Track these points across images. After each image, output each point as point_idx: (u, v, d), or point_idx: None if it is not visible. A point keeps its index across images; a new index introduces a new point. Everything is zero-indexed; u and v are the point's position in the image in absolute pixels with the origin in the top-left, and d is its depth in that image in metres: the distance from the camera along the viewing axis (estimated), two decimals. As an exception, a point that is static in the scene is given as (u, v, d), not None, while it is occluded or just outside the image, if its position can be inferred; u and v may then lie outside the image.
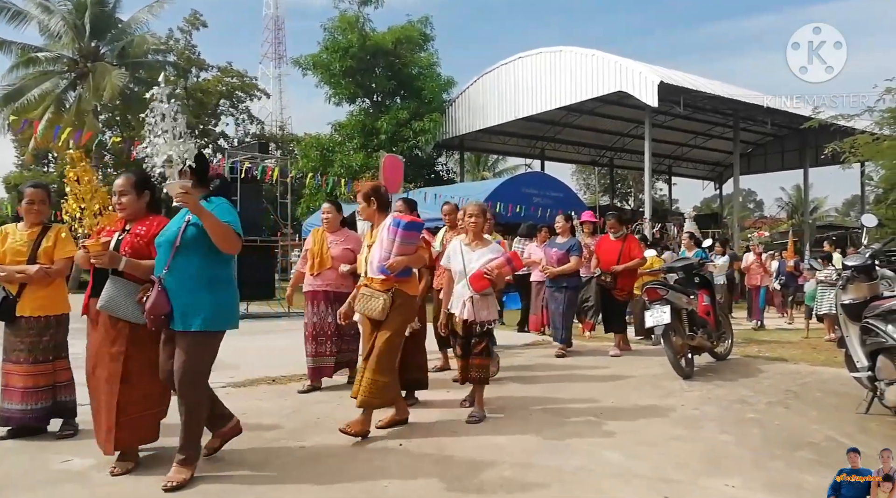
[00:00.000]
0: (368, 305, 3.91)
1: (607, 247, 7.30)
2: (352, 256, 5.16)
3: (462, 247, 4.41)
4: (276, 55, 59.98)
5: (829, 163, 20.86)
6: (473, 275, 4.17)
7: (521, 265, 4.25)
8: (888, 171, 14.72)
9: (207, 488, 3.03)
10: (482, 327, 4.26)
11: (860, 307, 4.35)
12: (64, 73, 24.14)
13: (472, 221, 4.43)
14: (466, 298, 4.22)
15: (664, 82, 16.93)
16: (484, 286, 4.16)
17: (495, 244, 4.53)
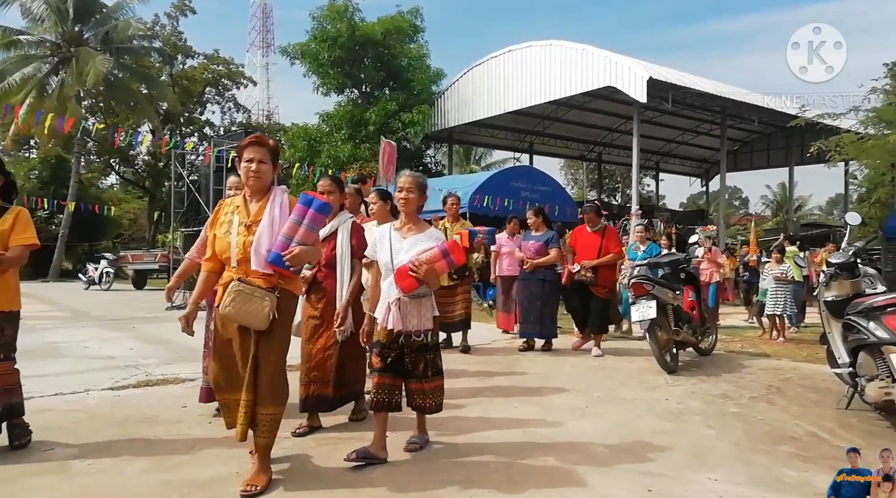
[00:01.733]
0: (246, 308, 2.81)
1: (585, 241, 6.97)
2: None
3: (392, 233, 3.44)
4: (264, 43, 59.50)
5: (814, 161, 21.07)
6: (399, 270, 3.25)
7: (461, 259, 3.28)
8: (872, 171, 14.91)
9: (193, 479, 3.00)
10: (411, 338, 3.31)
11: (843, 304, 4.40)
12: (46, 58, 23.76)
13: (402, 198, 3.46)
14: (392, 301, 3.29)
15: (653, 78, 16.97)
16: (411, 286, 3.22)
17: (434, 231, 3.52)
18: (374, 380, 3.37)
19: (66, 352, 6.56)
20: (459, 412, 4.30)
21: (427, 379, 3.38)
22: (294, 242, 2.86)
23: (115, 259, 19.18)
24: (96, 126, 19.23)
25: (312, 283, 3.94)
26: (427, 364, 3.37)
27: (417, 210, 3.50)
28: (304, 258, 2.91)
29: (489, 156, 37.31)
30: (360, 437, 3.59)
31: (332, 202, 3.94)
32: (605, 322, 7.08)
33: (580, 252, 6.90)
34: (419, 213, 3.53)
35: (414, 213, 3.49)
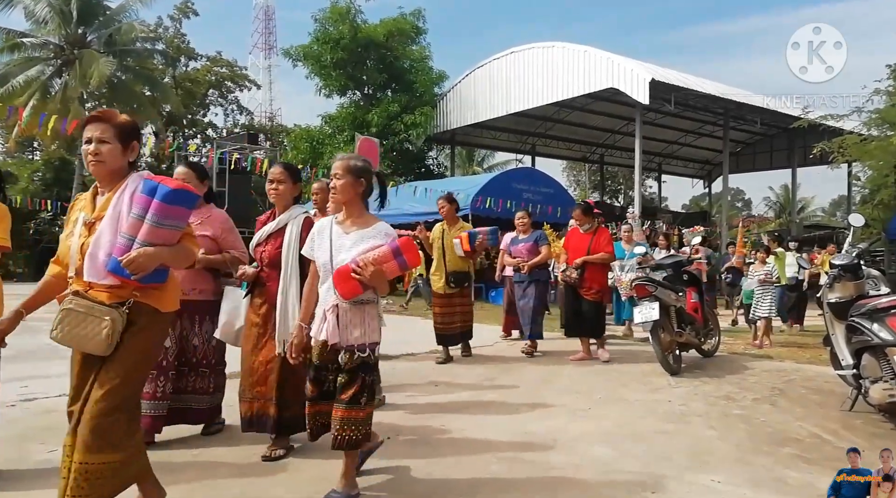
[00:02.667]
0: (78, 331, 2.27)
1: (576, 242, 6.75)
2: (211, 247, 3.63)
3: (332, 228, 2.86)
4: (267, 45, 59.57)
5: (817, 163, 21.05)
6: (339, 271, 2.71)
7: (415, 260, 2.77)
8: (875, 172, 14.87)
9: (195, 478, 3.00)
10: (353, 355, 2.73)
11: (846, 306, 4.39)
12: (50, 60, 23.82)
13: (332, 186, 2.87)
14: (328, 308, 2.76)
15: (655, 80, 16.96)
16: (353, 290, 2.69)
17: (383, 225, 2.88)
18: (307, 409, 2.83)
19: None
20: (461, 414, 4.30)
21: (359, 406, 2.72)
22: (137, 244, 2.25)
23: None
24: (99, 128, 19.22)
25: (256, 283, 3.53)
26: (363, 387, 2.73)
27: (360, 199, 2.87)
28: (150, 263, 2.24)
29: (491, 158, 37.31)
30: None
31: (283, 193, 3.49)
32: (598, 326, 6.71)
33: (571, 253, 6.73)
34: (363, 201, 2.90)
35: (355, 203, 2.87)
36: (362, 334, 2.76)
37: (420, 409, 4.44)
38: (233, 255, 3.69)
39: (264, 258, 3.46)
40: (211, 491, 2.91)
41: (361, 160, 2.91)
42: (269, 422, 3.33)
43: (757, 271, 8.38)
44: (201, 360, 3.69)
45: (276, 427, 3.34)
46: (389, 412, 4.32)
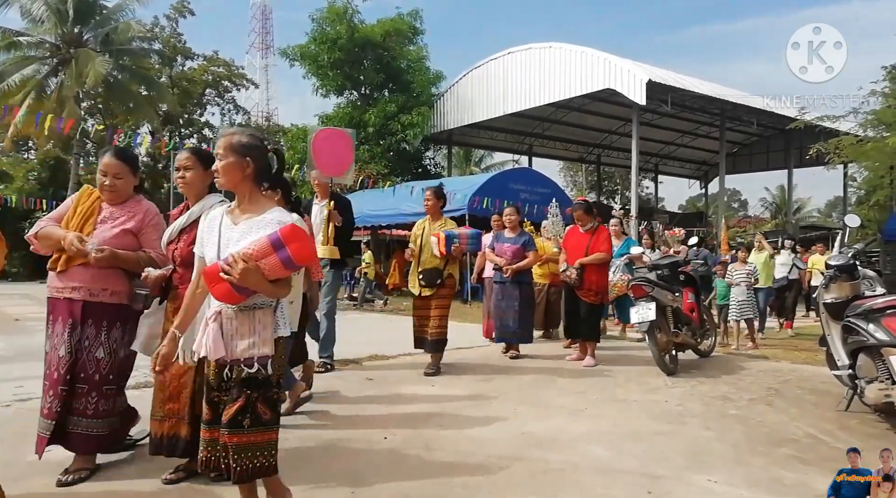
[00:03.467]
0: None
1: (575, 241, 6.57)
2: (129, 243, 3.10)
3: (223, 219, 2.41)
4: (263, 45, 59.52)
5: (813, 164, 21.11)
6: (207, 271, 2.32)
7: (305, 253, 2.29)
8: (871, 173, 14.93)
9: (189, 483, 3.00)
10: (240, 371, 2.31)
11: (842, 306, 4.40)
12: (45, 59, 23.77)
13: (218, 167, 2.38)
14: (210, 316, 2.36)
15: (652, 80, 17.00)
16: (228, 293, 2.25)
17: (280, 213, 2.38)
18: (202, 434, 2.41)
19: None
20: (458, 414, 4.30)
21: (241, 430, 2.27)
22: None
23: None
24: (95, 127, 19.25)
25: (167, 286, 3.08)
26: (246, 407, 2.28)
27: (251, 182, 2.39)
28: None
29: (489, 158, 37.35)
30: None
31: (191, 182, 3.05)
32: (594, 329, 6.52)
33: (570, 253, 6.54)
34: (256, 184, 2.42)
35: (245, 187, 2.39)
36: (250, 346, 2.30)
37: (417, 408, 4.44)
38: (148, 254, 3.12)
39: (177, 257, 3.01)
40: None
41: (248, 135, 2.46)
42: (181, 444, 2.92)
43: (737, 271, 8.12)
44: (106, 376, 3.04)
45: (188, 449, 2.90)
46: (385, 412, 4.33)
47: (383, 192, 16.03)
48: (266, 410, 2.34)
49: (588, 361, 6.30)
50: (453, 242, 5.62)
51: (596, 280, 6.37)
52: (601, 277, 6.45)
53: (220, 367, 2.36)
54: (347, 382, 5.31)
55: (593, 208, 6.79)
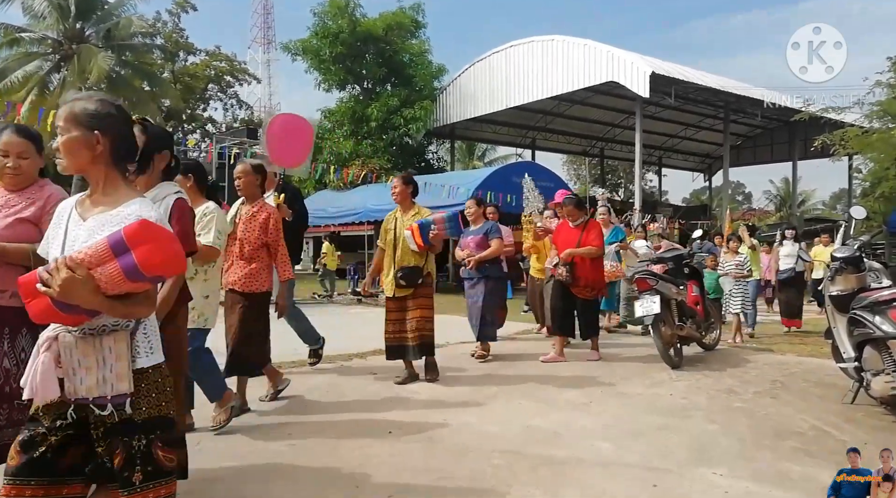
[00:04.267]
0: None
1: (566, 236, 6.28)
2: (29, 234, 2.61)
3: (72, 213, 1.87)
4: (265, 40, 59.43)
5: (817, 156, 20.99)
6: (21, 281, 1.72)
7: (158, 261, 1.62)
8: (876, 165, 14.83)
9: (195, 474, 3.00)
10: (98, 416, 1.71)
11: (848, 299, 4.38)
12: (48, 55, 23.76)
13: (60, 146, 1.80)
14: (41, 343, 1.75)
15: (656, 73, 16.91)
16: (48, 312, 1.66)
17: (137, 203, 1.78)
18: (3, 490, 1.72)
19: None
20: (462, 408, 4.30)
21: (131, 488, 1.70)
22: None
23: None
24: (98, 123, 19.22)
25: None
26: (131, 458, 1.71)
27: (107, 165, 1.80)
28: None
29: (492, 152, 37.27)
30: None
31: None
32: (593, 324, 6.38)
33: (561, 248, 6.27)
34: (117, 168, 1.83)
35: (97, 171, 1.81)
36: (99, 383, 1.68)
37: (421, 403, 4.44)
38: (34, 247, 2.43)
39: None
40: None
41: (97, 101, 1.85)
42: None
43: (727, 262, 7.79)
44: (15, 390, 2.42)
45: None
46: (390, 406, 4.32)
47: (386, 187, 15.98)
48: (159, 458, 1.76)
49: (593, 355, 6.24)
50: (429, 230, 4.95)
51: (590, 275, 6.14)
52: (595, 271, 6.23)
53: (62, 403, 1.72)
54: (351, 377, 5.31)
55: (584, 203, 6.53)
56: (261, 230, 4.15)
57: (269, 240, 4.17)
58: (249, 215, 4.20)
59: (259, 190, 4.30)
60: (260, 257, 4.18)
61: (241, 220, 4.20)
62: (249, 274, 4.12)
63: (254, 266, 4.14)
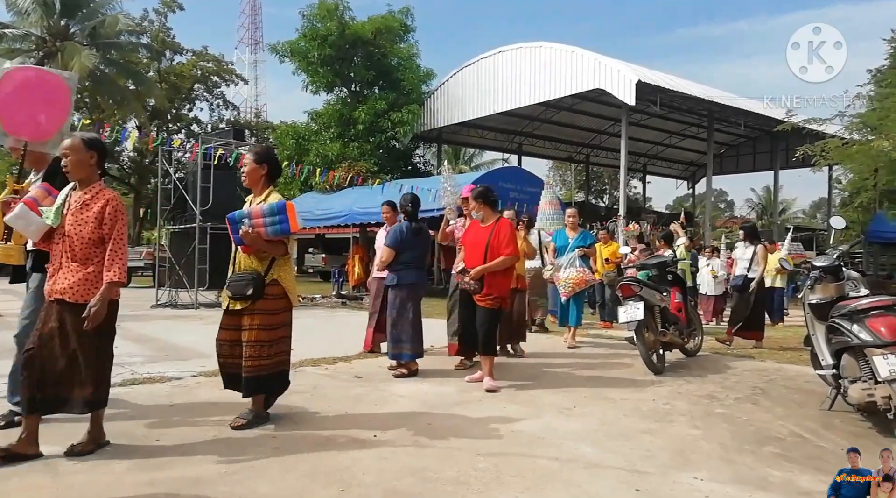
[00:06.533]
0: None
1: (473, 237, 5.39)
2: None
3: None
4: (253, 41, 59.24)
5: (799, 165, 21.30)
6: None
7: None
8: (856, 175, 15.07)
9: (181, 478, 2.99)
10: None
11: (827, 307, 4.46)
12: (31, 52, 23.51)
13: None
14: None
15: (642, 81, 17.09)
16: None
17: None
18: None
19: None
20: (448, 412, 4.32)
21: None
22: None
23: (99, 256, 18.98)
24: (82, 121, 19.01)
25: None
26: None
27: None
28: None
29: (478, 156, 37.39)
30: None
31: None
32: (491, 341, 5.30)
33: (468, 251, 5.43)
34: None
35: None
36: None
37: (406, 407, 4.45)
38: None
39: None
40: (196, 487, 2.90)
41: None
42: None
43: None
44: None
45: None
46: (375, 410, 4.33)
47: (372, 190, 16.02)
48: None
49: (489, 383, 5.06)
50: (240, 226, 3.77)
51: (496, 282, 5.21)
52: (503, 279, 5.31)
53: None
54: (336, 380, 5.31)
55: (494, 198, 5.52)
56: (96, 222, 3.27)
57: (104, 233, 3.29)
58: (81, 204, 3.29)
59: (95, 171, 3.37)
60: (97, 258, 3.30)
61: (69, 211, 3.30)
62: (85, 280, 3.25)
63: (91, 270, 3.27)
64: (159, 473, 3.06)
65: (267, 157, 4.04)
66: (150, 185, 29.23)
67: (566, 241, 7.75)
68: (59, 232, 3.31)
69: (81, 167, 3.31)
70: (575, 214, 8.01)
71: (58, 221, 3.29)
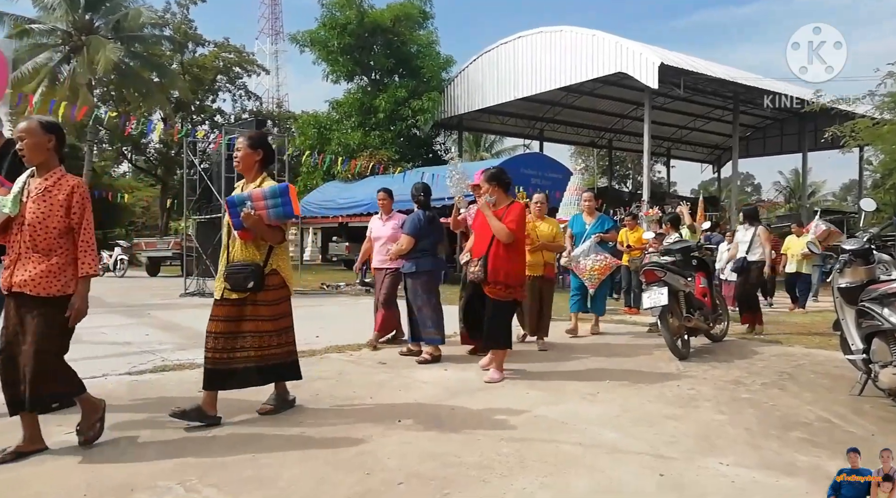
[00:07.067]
0: None
1: (481, 222, 5.06)
2: None
3: None
4: (273, 31, 59.46)
5: (828, 147, 20.85)
6: None
7: None
8: (887, 156, 14.71)
9: (208, 462, 3.06)
10: None
11: (857, 291, 4.38)
12: (58, 47, 23.91)
13: None
14: None
15: (664, 64, 16.82)
16: None
17: None
18: None
19: (83, 338, 6.62)
20: (471, 397, 4.34)
21: None
22: None
23: (128, 246, 19.41)
24: (108, 114, 19.30)
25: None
26: None
27: None
28: None
29: (499, 143, 37.23)
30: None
31: None
32: (497, 334, 4.94)
33: (476, 238, 5.22)
34: None
35: None
36: None
37: (429, 392, 4.48)
38: None
39: None
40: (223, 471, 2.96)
41: None
42: None
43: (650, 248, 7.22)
44: None
45: None
46: (398, 395, 4.37)
47: (393, 179, 16.05)
48: None
49: (493, 375, 4.84)
50: (242, 209, 3.58)
51: (504, 269, 4.83)
52: (512, 264, 4.90)
53: None
54: (361, 367, 5.37)
55: (507, 180, 5.12)
56: (63, 211, 3.15)
57: (73, 222, 3.16)
58: (42, 191, 3.16)
59: (53, 155, 3.24)
60: (61, 248, 3.15)
61: (29, 199, 3.15)
62: (48, 272, 3.09)
63: (54, 261, 3.11)
64: (188, 456, 3.13)
65: (262, 142, 3.89)
66: (177, 176, 29.63)
67: (583, 228, 7.41)
68: (17, 221, 3.14)
69: (39, 151, 3.16)
70: (591, 198, 7.72)
71: (16, 210, 3.13)
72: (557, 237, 6.58)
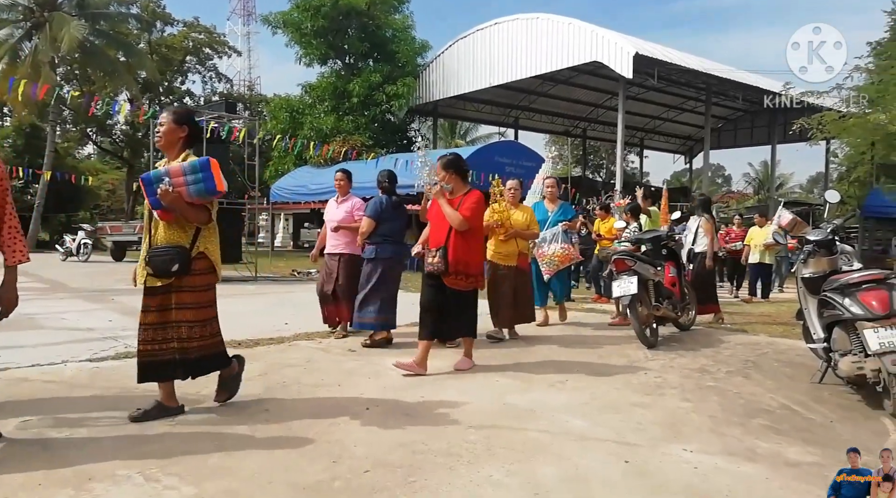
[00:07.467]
0: None
1: (438, 212, 4.79)
2: None
3: None
4: (245, 12, 58.27)
5: (796, 139, 21.23)
6: None
7: None
8: (852, 149, 15.05)
9: (170, 450, 2.99)
10: None
11: (819, 281, 4.47)
12: (19, 22, 23.07)
13: None
14: None
15: (639, 54, 16.91)
16: None
17: None
18: None
19: (43, 323, 6.47)
20: (440, 385, 4.33)
21: None
22: None
23: (93, 230, 18.91)
24: (72, 94, 18.75)
25: None
26: None
27: None
28: None
29: (474, 130, 37.16)
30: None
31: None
32: (463, 324, 4.86)
33: (431, 228, 4.95)
34: None
35: None
36: None
37: (398, 380, 4.46)
38: None
39: None
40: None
41: None
42: None
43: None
44: None
45: None
46: (367, 383, 4.34)
47: (366, 165, 15.91)
48: None
49: (464, 363, 4.85)
50: (158, 185, 3.30)
51: (465, 260, 4.66)
52: (472, 254, 4.76)
53: None
54: (330, 354, 5.32)
55: (464, 167, 4.91)
56: None
57: None
58: None
59: None
60: None
61: None
62: None
63: None
64: (150, 445, 3.06)
65: (188, 118, 3.64)
66: (144, 158, 28.98)
67: (545, 215, 7.11)
68: None
69: None
70: (554, 185, 7.48)
71: None
72: (532, 225, 6.39)
